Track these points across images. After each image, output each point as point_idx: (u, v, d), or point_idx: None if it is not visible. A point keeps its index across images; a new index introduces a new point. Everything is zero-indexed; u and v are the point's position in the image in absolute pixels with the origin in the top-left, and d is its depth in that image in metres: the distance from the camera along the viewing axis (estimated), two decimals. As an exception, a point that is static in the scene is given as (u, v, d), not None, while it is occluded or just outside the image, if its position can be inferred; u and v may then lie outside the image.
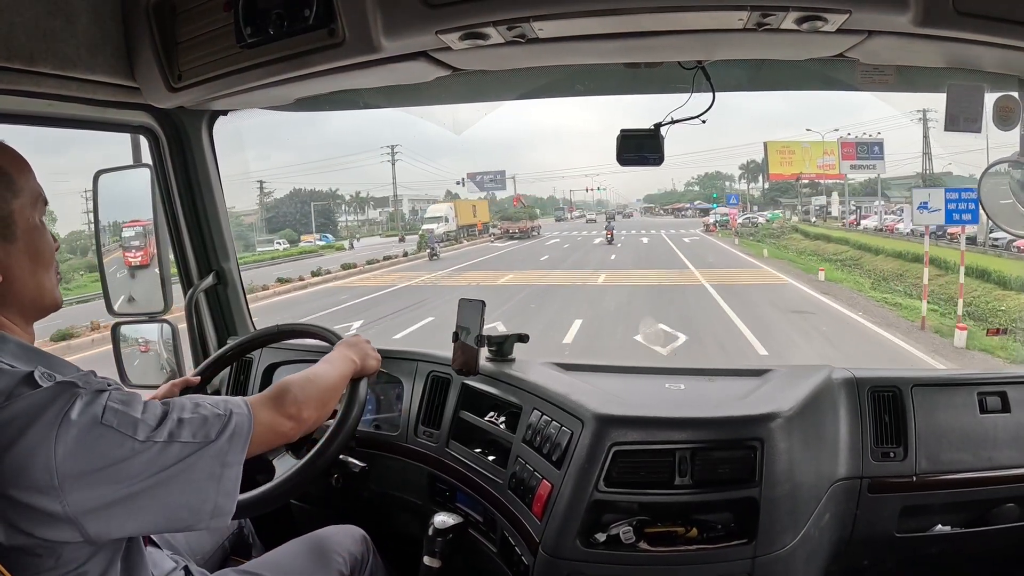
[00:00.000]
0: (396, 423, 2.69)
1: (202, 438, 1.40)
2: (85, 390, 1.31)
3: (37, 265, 1.45)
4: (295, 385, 1.70)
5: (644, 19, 1.74)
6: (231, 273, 3.07)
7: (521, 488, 2.17)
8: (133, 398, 1.37)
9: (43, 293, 1.47)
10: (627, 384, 2.41)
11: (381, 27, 1.82)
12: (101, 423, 1.29)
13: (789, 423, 2.02)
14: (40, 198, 1.46)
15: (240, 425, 1.47)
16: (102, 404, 1.30)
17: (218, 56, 2.10)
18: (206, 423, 1.42)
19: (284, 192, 68.37)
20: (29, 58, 1.91)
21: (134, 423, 1.32)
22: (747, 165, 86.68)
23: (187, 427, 1.39)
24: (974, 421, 2.26)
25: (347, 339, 2.16)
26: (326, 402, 1.81)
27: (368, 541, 2.26)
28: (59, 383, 1.31)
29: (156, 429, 1.34)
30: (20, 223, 1.40)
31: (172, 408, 1.40)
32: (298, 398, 1.67)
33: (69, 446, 1.25)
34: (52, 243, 1.49)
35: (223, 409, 1.47)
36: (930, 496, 2.24)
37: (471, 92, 2.80)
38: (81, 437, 1.26)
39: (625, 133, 2.31)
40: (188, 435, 1.38)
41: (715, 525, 2.01)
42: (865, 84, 2.29)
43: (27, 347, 1.41)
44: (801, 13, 1.65)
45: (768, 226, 48.62)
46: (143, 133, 2.74)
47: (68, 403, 1.27)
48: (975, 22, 1.61)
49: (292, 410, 1.64)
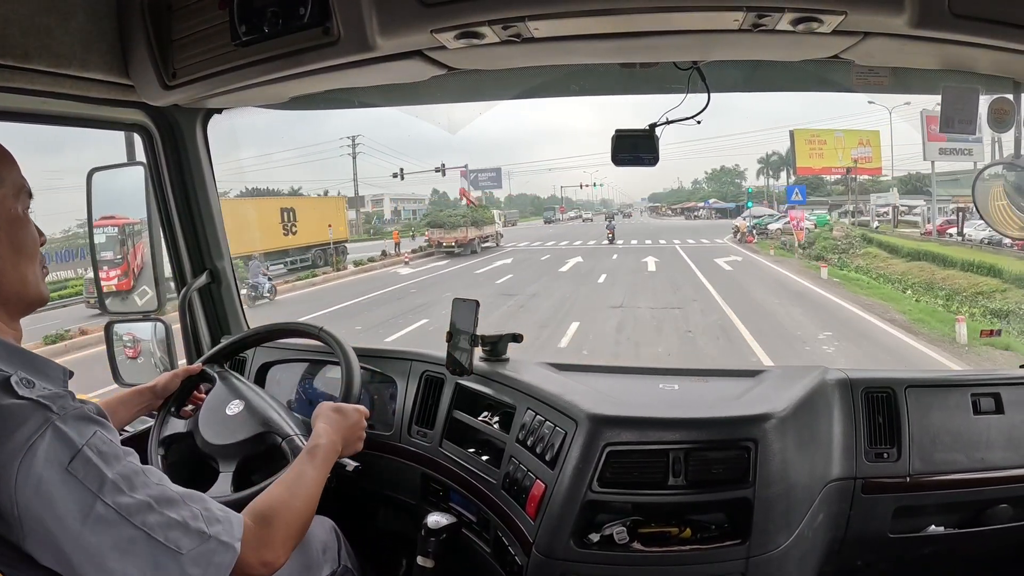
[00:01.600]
0: (390, 423, 2.68)
1: (173, 545, 1.27)
2: (60, 418, 1.23)
3: (20, 257, 1.41)
4: (280, 516, 1.53)
5: (639, 19, 1.74)
6: (225, 272, 3.06)
7: (515, 488, 2.16)
8: (112, 450, 1.28)
9: (27, 286, 1.43)
10: (621, 384, 2.41)
11: (376, 26, 1.81)
12: (67, 470, 1.20)
13: (783, 423, 2.02)
14: (23, 190, 1.43)
15: (221, 556, 1.33)
16: (75, 447, 1.22)
17: (213, 54, 2.09)
18: (185, 531, 1.29)
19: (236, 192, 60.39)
20: (23, 55, 1.91)
21: (101, 480, 1.23)
22: (767, 158, 78.36)
23: (161, 522, 1.27)
24: (967, 422, 2.27)
25: (345, 413, 1.99)
26: (305, 528, 1.62)
27: (337, 530, 2.26)
28: (33, 402, 1.23)
29: (125, 496, 1.24)
30: (2, 214, 1.38)
31: (159, 495, 1.30)
32: (277, 539, 1.49)
33: (31, 483, 1.18)
34: (36, 236, 1.46)
35: (211, 528, 1.34)
36: (923, 497, 2.24)
37: (466, 91, 2.79)
38: (44, 476, 1.19)
39: (620, 133, 2.31)
40: (160, 533, 1.26)
41: (709, 525, 2.01)
42: (860, 85, 2.29)
43: (11, 347, 1.36)
44: (796, 14, 1.65)
45: (826, 235, 34.55)
46: (137, 131, 2.73)
47: (37, 432, 1.20)
48: (970, 24, 1.61)
49: (269, 556, 1.46)
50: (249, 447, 2.15)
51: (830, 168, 48.10)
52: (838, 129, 46.07)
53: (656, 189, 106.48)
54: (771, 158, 77.84)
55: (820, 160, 46.90)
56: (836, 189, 59.50)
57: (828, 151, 46.49)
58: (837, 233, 35.13)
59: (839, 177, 53.46)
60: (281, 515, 1.52)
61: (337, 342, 2.35)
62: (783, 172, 73.54)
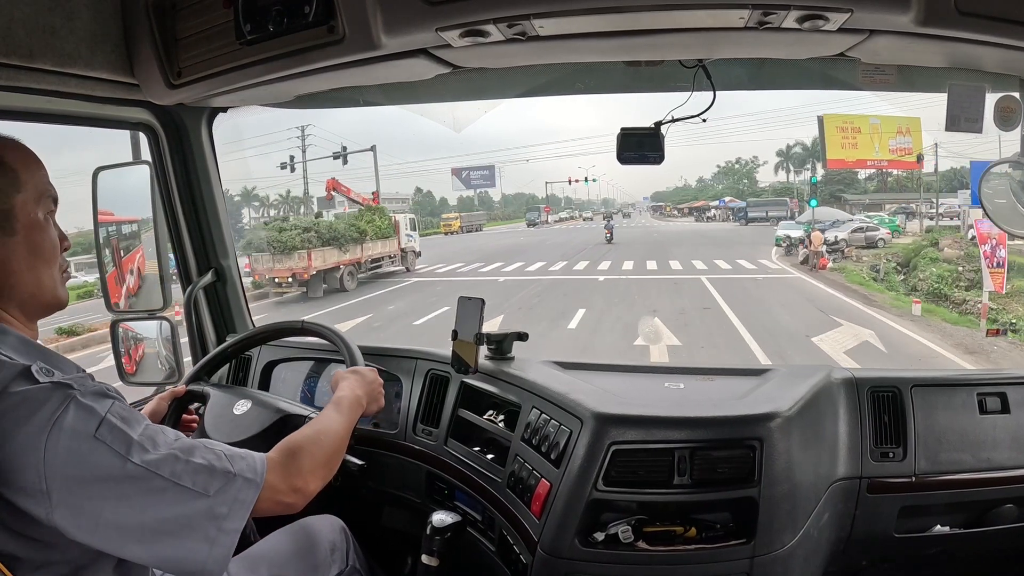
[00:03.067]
0: (395, 421, 2.69)
1: (202, 488, 1.35)
2: (80, 393, 1.29)
3: (36, 260, 1.44)
4: (306, 449, 1.60)
5: (645, 17, 1.74)
6: (230, 270, 3.07)
7: (520, 487, 2.16)
8: (132, 415, 1.35)
9: (42, 289, 1.46)
10: (626, 383, 2.41)
11: (381, 24, 1.81)
12: (95, 436, 1.27)
13: (788, 423, 2.02)
14: (46, 195, 1.46)
15: (245, 492, 1.41)
16: (99, 416, 1.29)
17: (218, 53, 2.09)
18: (212, 474, 1.37)
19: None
20: (28, 54, 1.91)
21: (128, 443, 1.30)
22: (786, 151, 71.22)
23: (191, 472, 1.35)
24: (973, 422, 2.26)
25: (361, 373, 2.09)
26: (334, 462, 1.72)
27: (346, 530, 2.26)
28: (55, 383, 1.29)
29: (154, 456, 1.31)
30: (21, 218, 1.41)
31: (180, 446, 1.37)
32: (305, 468, 1.57)
33: (60, 454, 1.24)
34: (56, 241, 1.49)
35: (235, 466, 1.42)
36: (929, 496, 2.23)
37: (471, 90, 2.79)
38: (72, 447, 1.25)
39: (625, 131, 2.31)
40: (189, 480, 1.34)
41: (714, 525, 2.01)
42: (866, 84, 2.29)
43: (28, 342, 1.41)
44: (802, 12, 1.64)
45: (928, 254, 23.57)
46: (142, 130, 2.74)
47: (61, 407, 1.26)
48: (976, 22, 1.60)
49: (299, 482, 1.55)
50: (271, 436, 2.17)
51: (865, 161, 40.62)
52: (874, 115, 37.28)
53: (659, 187, 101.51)
54: (792, 150, 71.36)
55: (853, 151, 38.84)
56: (870, 186, 55.26)
57: (863, 141, 38.62)
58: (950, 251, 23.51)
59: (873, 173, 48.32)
60: (307, 448, 1.60)
61: (322, 326, 2.38)
62: (808, 166, 67.83)
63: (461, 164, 61.94)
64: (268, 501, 1.47)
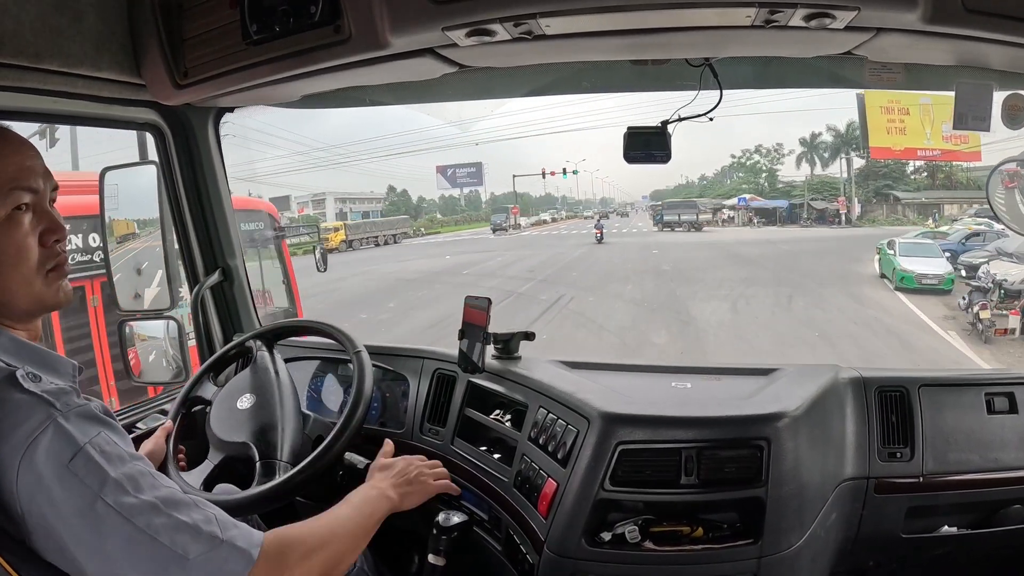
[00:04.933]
0: (401, 421, 2.69)
1: (180, 549, 1.22)
2: (63, 415, 1.22)
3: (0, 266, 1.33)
4: (303, 544, 1.42)
5: (651, 16, 1.73)
6: (237, 270, 3.07)
7: (526, 486, 2.16)
8: (117, 450, 1.25)
9: (13, 295, 1.34)
10: (633, 382, 2.40)
11: (387, 24, 1.81)
12: (67, 467, 1.18)
13: (796, 423, 2.02)
14: (12, 187, 1.33)
15: (233, 563, 1.26)
16: (77, 445, 1.20)
17: (224, 53, 2.09)
18: (195, 535, 1.24)
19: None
20: (35, 55, 1.91)
21: (102, 480, 1.20)
22: (810, 141, 58.67)
23: (168, 524, 1.23)
24: (981, 422, 2.25)
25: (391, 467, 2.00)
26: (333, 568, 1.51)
27: None
28: (36, 397, 1.22)
29: (128, 497, 1.21)
30: None
31: (161, 490, 1.26)
32: (295, 572, 1.37)
33: (31, 479, 1.17)
34: (25, 240, 1.34)
35: (224, 533, 1.28)
36: (937, 497, 2.23)
37: (478, 89, 2.80)
38: (43, 473, 1.17)
39: (632, 130, 2.31)
40: (166, 536, 1.21)
41: (721, 525, 2.01)
42: (873, 82, 2.28)
43: (20, 343, 1.35)
44: (809, 10, 1.64)
45: None
46: (149, 130, 2.74)
47: (40, 427, 1.19)
48: (984, 20, 1.60)
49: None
50: (234, 449, 2.19)
51: (915, 151, 33.63)
52: (924, 93, 27.88)
53: (658, 186, 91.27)
54: (815, 140, 58.94)
55: (901, 138, 32.04)
56: (920, 181, 45.81)
57: (912, 125, 31.73)
58: None
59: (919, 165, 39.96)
60: (300, 549, 1.41)
61: (324, 323, 2.43)
62: (840, 157, 55.36)
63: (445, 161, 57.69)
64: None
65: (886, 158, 38.48)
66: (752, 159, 65.70)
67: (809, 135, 59.35)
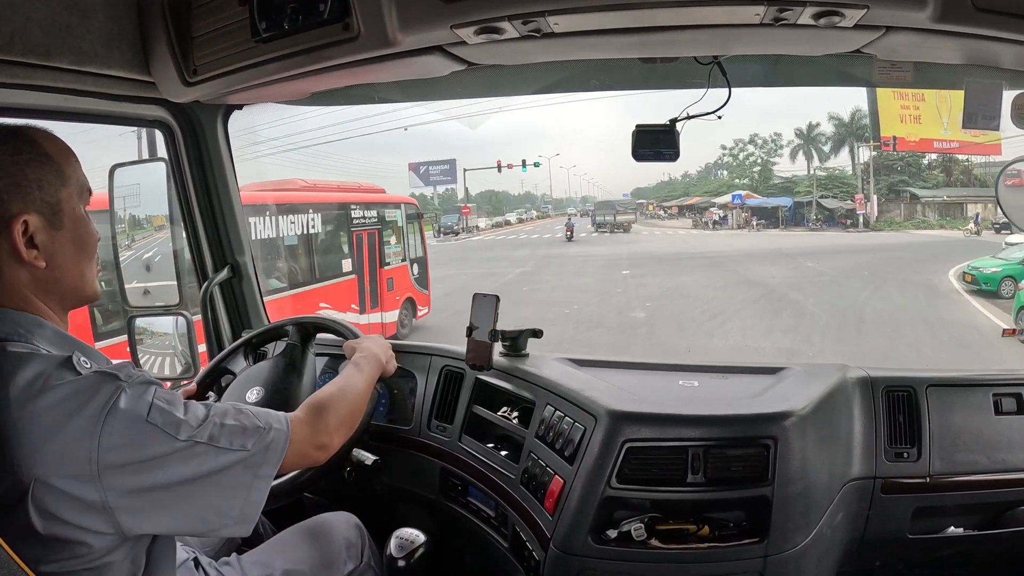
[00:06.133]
0: (409, 417, 2.69)
1: (239, 446, 1.44)
2: (128, 383, 1.35)
3: (82, 255, 1.49)
4: (330, 405, 1.74)
5: (660, 14, 1.73)
6: (246, 267, 3.08)
7: (533, 483, 2.17)
8: (175, 398, 1.41)
9: (85, 283, 1.51)
10: (641, 380, 2.40)
11: (396, 21, 1.82)
12: (147, 420, 1.33)
13: (803, 422, 2.02)
14: (85, 189, 1.50)
15: (276, 441, 1.51)
16: (148, 401, 1.35)
17: (233, 51, 2.10)
18: (245, 432, 1.46)
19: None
20: (45, 53, 1.92)
21: (177, 423, 1.37)
22: (807, 132, 53.42)
23: (226, 433, 1.43)
24: (989, 422, 2.25)
25: (372, 338, 2.25)
26: (357, 418, 1.87)
27: (362, 528, 2.27)
28: (100, 372, 1.34)
29: (197, 429, 1.39)
30: (67, 211, 1.44)
31: (214, 412, 1.45)
32: (331, 424, 1.70)
33: (114, 439, 1.29)
34: (96, 235, 1.52)
35: (263, 421, 1.51)
36: (943, 497, 2.22)
37: (486, 87, 2.80)
38: (126, 432, 1.31)
39: (640, 128, 2.30)
40: (227, 442, 1.42)
41: (727, 523, 2.01)
42: (882, 80, 2.28)
43: (63, 335, 1.45)
44: (818, 8, 1.64)
45: None
46: (158, 127, 2.75)
47: (113, 395, 1.31)
48: (994, 18, 1.59)
49: (324, 438, 1.68)
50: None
51: (931, 142, 30.59)
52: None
53: (641, 184, 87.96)
54: (812, 132, 53.39)
55: (916, 128, 29.25)
56: (935, 177, 40.99)
57: (927, 113, 29.04)
58: None
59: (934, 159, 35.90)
60: (332, 406, 1.74)
61: (319, 318, 2.53)
62: (844, 148, 50.61)
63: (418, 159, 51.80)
64: (295, 455, 1.58)
65: (900, 148, 34.43)
66: (746, 150, 59.16)
67: (806, 126, 54.48)
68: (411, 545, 2.20)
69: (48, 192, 1.41)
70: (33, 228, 1.39)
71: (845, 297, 19.50)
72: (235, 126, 2.91)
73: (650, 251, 33.68)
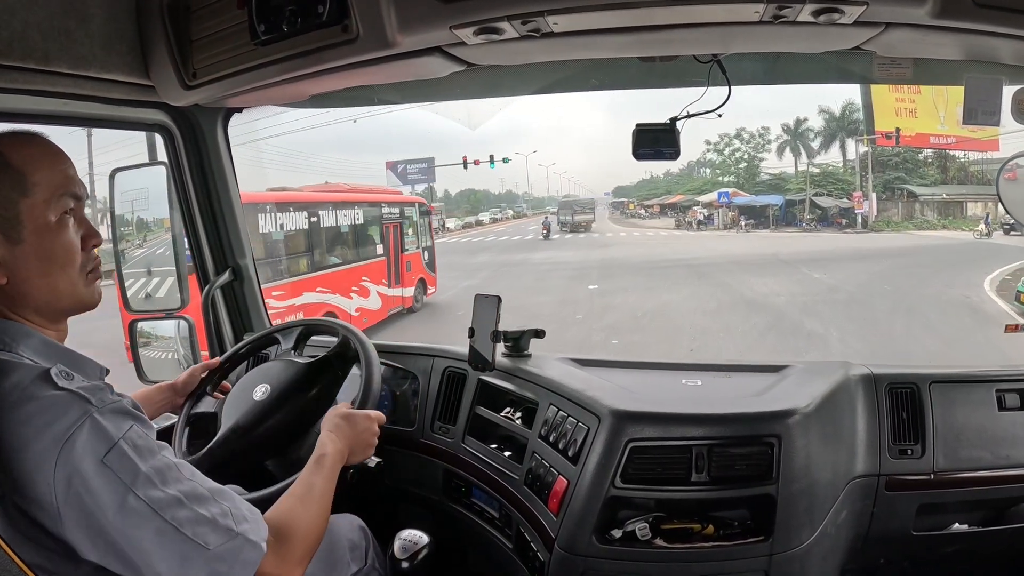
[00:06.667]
0: (412, 419, 2.69)
1: (201, 541, 1.30)
2: (99, 410, 1.27)
3: (49, 266, 1.39)
4: (293, 528, 1.51)
5: (659, 12, 1.73)
6: (247, 269, 3.08)
7: (537, 484, 2.17)
8: (147, 443, 1.32)
9: (57, 295, 1.41)
10: (644, 380, 2.41)
11: (395, 23, 1.81)
12: (102, 462, 1.24)
13: (807, 420, 2.01)
14: (62, 194, 1.40)
15: (248, 553, 1.36)
16: (111, 440, 1.26)
17: (232, 54, 2.10)
18: (213, 528, 1.32)
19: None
20: (44, 57, 1.92)
21: (134, 474, 1.26)
22: (793, 128, 50.74)
23: (189, 518, 1.31)
24: (992, 418, 2.25)
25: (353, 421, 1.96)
26: (320, 534, 1.62)
27: (366, 529, 2.26)
28: (71, 392, 1.27)
29: (156, 491, 1.28)
30: (28, 224, 1.36)
31: (185, 482, 1.34)
32: (296, 554, 1.49)
33: (67, 473, 1.23)
34: (72, 242, 1.42)
35: (238, 526, 1.36)
36: (947, 494, 2.22)
37: (486, 87, 2.80)
38: (79, 468, 1.23)
39: (641, 127, 2.30)
40: (188, 528, 1.29)
41: (731, 522, 2.01)
42: (882, 77, 2.28)
43: (51, 344, 1.40)
44: (818, 5, 1.64)
45: None
46: (158, 131, 2.75)
47: (77, 423, 1.24)
48: (993, 14, 1.59)
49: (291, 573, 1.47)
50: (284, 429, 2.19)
51: (927, 137, 29.25)
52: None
53: (623, 182, 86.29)
54: (799, 127, 50.73)
55: (912, 121, 28.10)
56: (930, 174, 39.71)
57: (923, 106, 27.87)
58: None
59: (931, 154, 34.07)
60: (297, 531, 1.52)
61: (361, 344, 2.31)
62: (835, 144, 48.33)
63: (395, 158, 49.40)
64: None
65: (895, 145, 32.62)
66: (732, 145, 55.89)
67: (793, 121, 51.55)
68: (415, 546, 2.18)
69: (4, 206, 1.34)
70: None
71: (876, 327, 15.52)
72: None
73: (626, 258, 30.06)
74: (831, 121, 48.64)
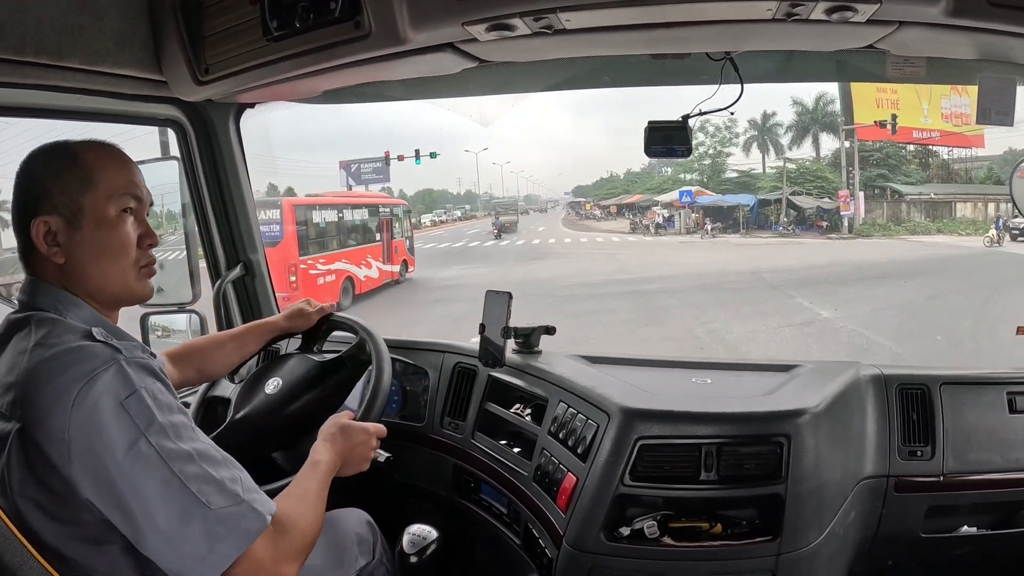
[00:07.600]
0: (422, 414, 2.70)
1: (204, 499, 1.32)
2: (126, 359, 1.35)
3: (102, 255, 1.51)
4: (292, 524, 1.49)
5: (671, 10, 1.73)
6: (259, 264, 3.09)
7: (546, 480, 2.17)
8: (169, 402, 1.36)
9: (108, 282, 1.53)
10: (653, 377, 2.40)
11: (407, 19, 1.81)
12: (121, 404, 1.30)
13: (816, 419, 2.01)
14: (123, 194, 1.53)
15: (248, 522, 1.36)
16: (133, 386, 1.32)
17: (244, 49, 2.10)
18: (220, 489, 1.34)
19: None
20: (57, 53, 1.93)
21: (149, 420, 1.31)
22: (760, 123, 47.74)
23: (197, 474, 1.33)
24: (1003, 421, 2.24)
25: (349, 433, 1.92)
26: (314, 536, 1.58)
27: (374, 524, 2.26)
28: (105, 344, 1.37)
29: (168, 442, 1.31)
30: (89, 214, 1.49)
31: (199, 443, 1.37)
32: (294, 547, 1.46)
33: (85, 408, 1.28)
34: (128, 238, 1.54)
35: (245, 495, 1.38)
36: (957, 496, 2.21)
37: (498, 84, 2.80)
38: (97, 406, 1.29)
39: (653, 125, 2.30)
40: (194, 484, 1.32)
41: (740, 521, 2.00)
42: (895, 76, 2.26)
43: (100, 318, 1.50)
44: (830, 3, 1.63)
45: None
46: (171, 126, 2.76)
47: (101, 366, 1.31)
48: (1007, 13, 1.58)
49: (284, 568, 1.43)
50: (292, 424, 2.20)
51: (911, 131, 28.07)
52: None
53: (583, 182, 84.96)
54: (767, 123, 47.68)
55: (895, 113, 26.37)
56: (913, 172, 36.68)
57: (906, 98, 26.84)
58: None
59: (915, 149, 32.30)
60: (296, 527, 1.50)
61: (376, 351, 2.28)
62: (807, 140, 45.38)
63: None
64: (248, 569, 1.36)
65: (875, 139, 30.32)
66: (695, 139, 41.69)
67: (760, 115, 47.70)
68: (423, 541, 2.18)
69: (70, 196, 1.47)
70: (55, 228, 1.47)
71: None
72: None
73: (553, 278, 23.01)
74: (803, 114, 45.74)
